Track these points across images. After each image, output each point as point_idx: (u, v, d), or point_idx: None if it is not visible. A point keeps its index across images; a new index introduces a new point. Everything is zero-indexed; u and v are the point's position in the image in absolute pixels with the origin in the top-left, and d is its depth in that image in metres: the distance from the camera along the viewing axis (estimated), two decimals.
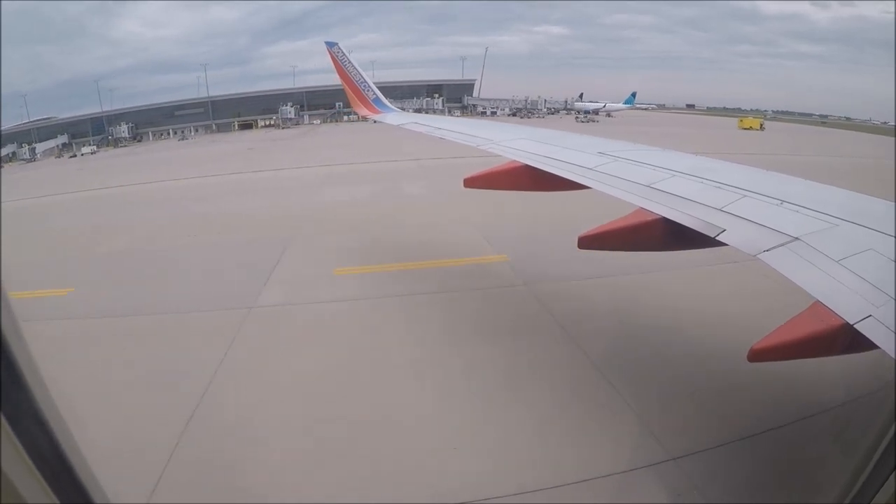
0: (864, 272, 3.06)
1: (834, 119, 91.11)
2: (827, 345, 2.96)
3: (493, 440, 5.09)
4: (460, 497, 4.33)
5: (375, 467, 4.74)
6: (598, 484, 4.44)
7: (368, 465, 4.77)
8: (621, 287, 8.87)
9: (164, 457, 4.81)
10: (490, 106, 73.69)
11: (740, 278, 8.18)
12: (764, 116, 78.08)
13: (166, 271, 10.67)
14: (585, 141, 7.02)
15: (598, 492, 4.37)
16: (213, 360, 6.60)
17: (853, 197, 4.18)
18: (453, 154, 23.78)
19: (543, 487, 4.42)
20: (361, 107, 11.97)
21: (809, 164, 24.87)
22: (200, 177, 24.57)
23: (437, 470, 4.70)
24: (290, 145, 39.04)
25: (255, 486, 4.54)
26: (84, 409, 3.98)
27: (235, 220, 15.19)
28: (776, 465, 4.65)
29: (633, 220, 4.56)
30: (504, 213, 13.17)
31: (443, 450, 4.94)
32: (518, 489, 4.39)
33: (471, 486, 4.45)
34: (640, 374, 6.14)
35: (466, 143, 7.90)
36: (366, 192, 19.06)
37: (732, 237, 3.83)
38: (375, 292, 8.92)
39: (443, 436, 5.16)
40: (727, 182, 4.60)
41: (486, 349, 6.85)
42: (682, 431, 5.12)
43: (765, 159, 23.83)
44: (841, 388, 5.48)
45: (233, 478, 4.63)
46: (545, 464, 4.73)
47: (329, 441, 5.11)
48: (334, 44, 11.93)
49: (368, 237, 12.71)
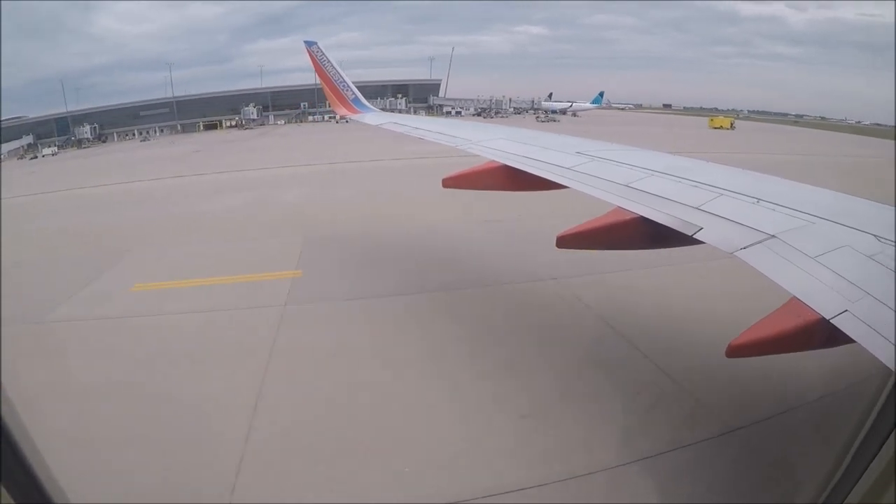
0: (840, 269, 3.07)
1: (809, 119, 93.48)
2: (804, 340, 2.97)
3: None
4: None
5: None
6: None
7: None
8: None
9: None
10: (455, 106, 73.57)
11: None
12: (737, 116, 79.67)
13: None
14: (564, 141, 7.01)
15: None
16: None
17: (829, 195, 4.23)
18: (386, 156, 24.37)
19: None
20: (340, 106, 11.83)
21: (771, 161, 25.51)
22: (112, 184, 23.25)
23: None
24: (238, 147, 38.27)
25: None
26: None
27: (79, 235, 14.18)
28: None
29: (611, 219, 4.55)
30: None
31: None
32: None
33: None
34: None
35: (445, 143, 7.82)
36: (251, 198, 18.05)
37: (710, 235, 3.82)
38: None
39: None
40: (704, 181, 4.61)
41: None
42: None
43: (728, 157, 24.54)
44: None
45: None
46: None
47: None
48: (313, 43, 11.77)
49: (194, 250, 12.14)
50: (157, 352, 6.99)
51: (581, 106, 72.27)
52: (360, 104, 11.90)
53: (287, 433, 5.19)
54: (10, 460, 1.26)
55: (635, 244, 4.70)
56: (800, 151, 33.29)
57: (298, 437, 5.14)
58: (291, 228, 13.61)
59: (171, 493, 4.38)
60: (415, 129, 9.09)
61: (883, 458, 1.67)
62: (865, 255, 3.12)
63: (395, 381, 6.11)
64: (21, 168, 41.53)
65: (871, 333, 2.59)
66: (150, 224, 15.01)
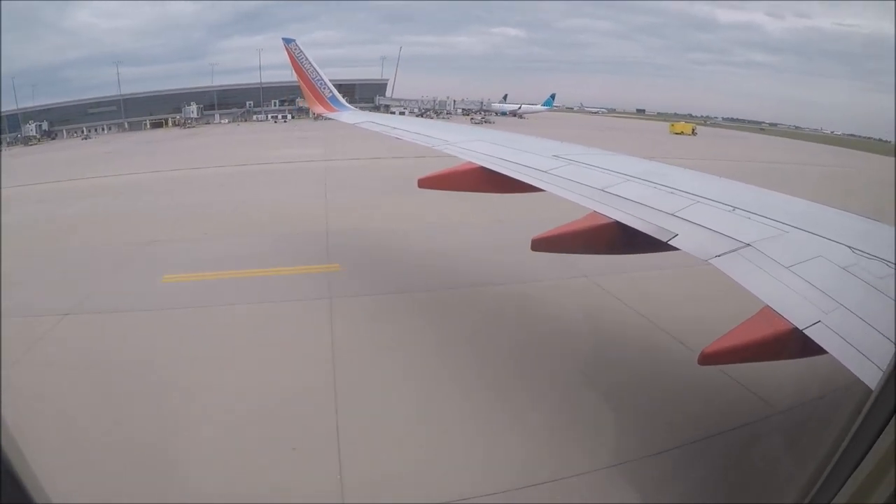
0: (813, 279, 3.04)
1: (783, 128, 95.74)
2: (777, 349, 2.95)
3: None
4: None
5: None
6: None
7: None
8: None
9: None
10: (400, 106, 71.92)
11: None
12: (704, 122, 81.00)
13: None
14: (542, 144, 6.96)
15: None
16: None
17: (804, 205, 4.23)
18: (300, 158, 23.94)
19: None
20: (317, 104, 11.64)
21: (712, 165, 25.74)
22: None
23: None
24: (158, 148, 36.64)
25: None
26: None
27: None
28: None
29: (587, 223, 4.52)
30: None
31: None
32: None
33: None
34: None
35: (422, 143, 7.72)
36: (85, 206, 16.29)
37: (684, 242, 3.78)
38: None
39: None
40: (680, 187, 4.58)
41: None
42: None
43: (674, 161, 24.59)
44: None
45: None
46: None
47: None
48: (292, 40, 11.58)
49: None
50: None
51: (531, 109, 72.05)
52: (336, 102, 11.74)
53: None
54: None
55: (610, 249, 4.67)
56: (747, 157, 34.15)
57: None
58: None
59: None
60: (392, 129, 8.96)
61: (868, 462, 1.63)
62: (839, 265, 3.09)
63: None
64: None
65: (843, 345, 2.56)
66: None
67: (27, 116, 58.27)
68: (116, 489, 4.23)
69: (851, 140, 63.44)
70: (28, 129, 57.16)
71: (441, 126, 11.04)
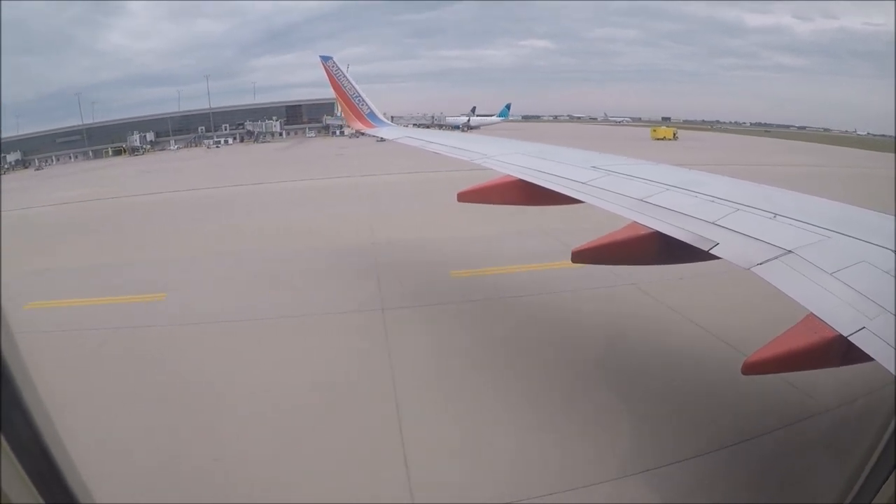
0: (857, 284, 3.06)
1: (812, 131, 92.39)
2: (821, 357, 2.95)
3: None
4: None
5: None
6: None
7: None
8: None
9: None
10: (340, 125, 68.32)
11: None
12: (710, 128, 78.78)
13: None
14: (580, 155, 7.07)
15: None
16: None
17: (845, 209, 4.22)
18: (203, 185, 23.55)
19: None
20: (356, 121, 12.00)
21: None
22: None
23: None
24: (64, 182, 34.72)
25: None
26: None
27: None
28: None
29: (627, 233, 4.59)
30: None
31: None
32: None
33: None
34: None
35: (460, 157, 7.90)
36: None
37: (726, 251, 3.83)
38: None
39: None
40: (720, 196, 4.64)
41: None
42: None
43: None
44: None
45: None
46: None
47: None
48: (329, 57, 11.97)
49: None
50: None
51: (483, 120, 70.78)
52: (375, 118, 12.06)
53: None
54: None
55: (651, 259, 4.74)
56: (721, 161, 32.80)
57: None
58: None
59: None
60: (429, 144, 9.23)
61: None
62: (883, 270, 3.12)
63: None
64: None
65: (889, 351, 2.59)
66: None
67: (7, 146, 58.81)
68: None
69: (875, 141, 59.46)
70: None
71: (477, 139, 11.24)
